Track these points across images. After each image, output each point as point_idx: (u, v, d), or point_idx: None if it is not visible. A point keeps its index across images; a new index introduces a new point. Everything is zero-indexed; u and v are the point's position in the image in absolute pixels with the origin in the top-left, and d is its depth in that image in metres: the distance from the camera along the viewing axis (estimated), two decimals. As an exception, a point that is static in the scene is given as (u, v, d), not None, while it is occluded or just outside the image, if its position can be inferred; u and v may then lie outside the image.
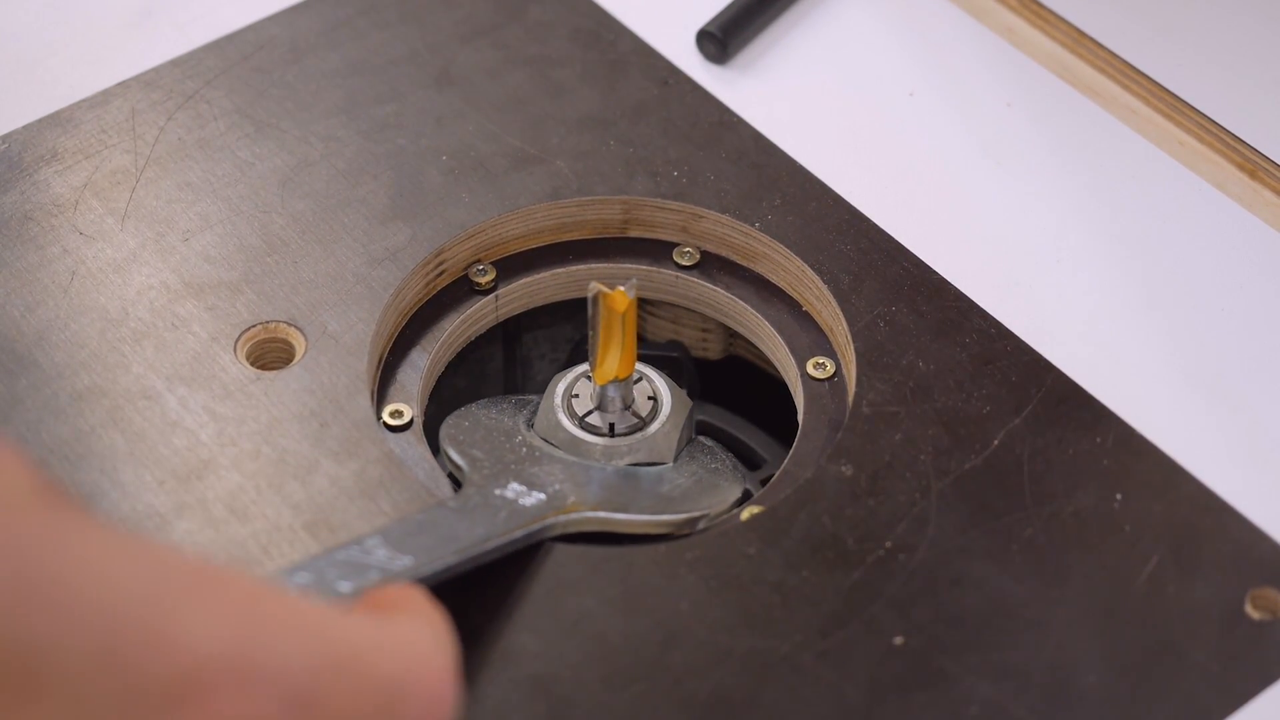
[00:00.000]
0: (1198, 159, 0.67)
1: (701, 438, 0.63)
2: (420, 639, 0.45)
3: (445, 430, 0.61)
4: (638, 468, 0.60)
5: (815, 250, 0.63)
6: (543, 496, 0.57)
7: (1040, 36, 0.71)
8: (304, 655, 0.41)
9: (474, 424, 0.61)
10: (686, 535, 0.57)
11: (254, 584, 0.42)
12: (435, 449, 0.60)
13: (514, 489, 0.57)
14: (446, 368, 0.64)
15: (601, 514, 0.58)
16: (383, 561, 0.51)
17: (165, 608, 0.39)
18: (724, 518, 0.59)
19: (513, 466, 0.59)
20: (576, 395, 0.61)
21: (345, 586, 0.49)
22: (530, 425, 0.62)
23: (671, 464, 0.61)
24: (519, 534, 0.55)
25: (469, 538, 0.53)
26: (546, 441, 0.61)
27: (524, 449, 0.60)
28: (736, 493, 0.60)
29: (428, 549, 0.52)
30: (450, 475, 0.59)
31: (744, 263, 0.65)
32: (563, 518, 0.56)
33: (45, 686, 0.38)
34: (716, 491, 0.60)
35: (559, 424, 0.61)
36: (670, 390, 0.62)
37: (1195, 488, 0.57)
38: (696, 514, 0.59)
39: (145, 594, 0.39)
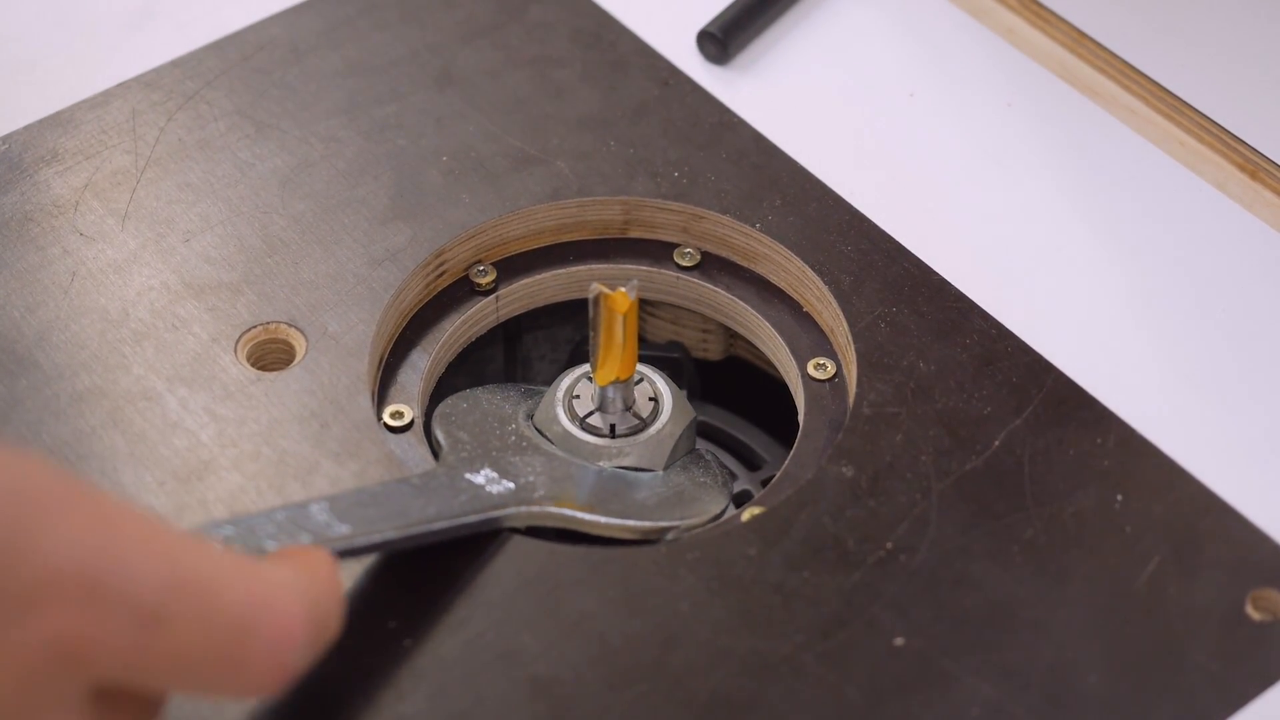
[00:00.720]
0: (1198, 159, 0.67)
1: (701, 449, 0.63)
2: (281, 584, 0.45)
3: (441, 408, 0.61)
4: (624, 471, 0.60)
5: (816, 251, 0.63)
6: (511, 486, 0.57)
7: (1040, 36, 0.71)
8: (155, 575, 0.43)
9: (472, 406, 0.61)
10: (682, 538, 0.57)
11: (115, 505, 0.43)
12: (435, 449, 0.60)
13: (485, 475, 0.57)
14: (447, 368, 0.64)
15: (565, 511, 0.57)
16: (319, 527, 0.51)
17: (24, 519, 0.41)
18: (718, 523, 0.59)
19: (494, 453, 0.59)
20: (578, 396, 0.61)
21: (271, 545, 0.49)
22: (530, 417, 0.61)
23: (660, 472, 0.61)
24: (472, 519, 0.54)
25: (419, 516, 0.53)
26: (541, 434, 0.61)
27: (512, 438, 0.60)
28: (716, 509, 0.59)
29: (369, 521, 0.52)
30: (434, 454, 0.59)
31: (744, 263, 0.65)
32: (524, 509, 0.56)
33: None
34: (694, 505, 0.59)
35: (556, 419, 0.61)
36: (673, 396, 0.62)
37: (1195, 488, 0.57)
38: (665, 524, 0.58)
39: (4, 505, 0.41)
